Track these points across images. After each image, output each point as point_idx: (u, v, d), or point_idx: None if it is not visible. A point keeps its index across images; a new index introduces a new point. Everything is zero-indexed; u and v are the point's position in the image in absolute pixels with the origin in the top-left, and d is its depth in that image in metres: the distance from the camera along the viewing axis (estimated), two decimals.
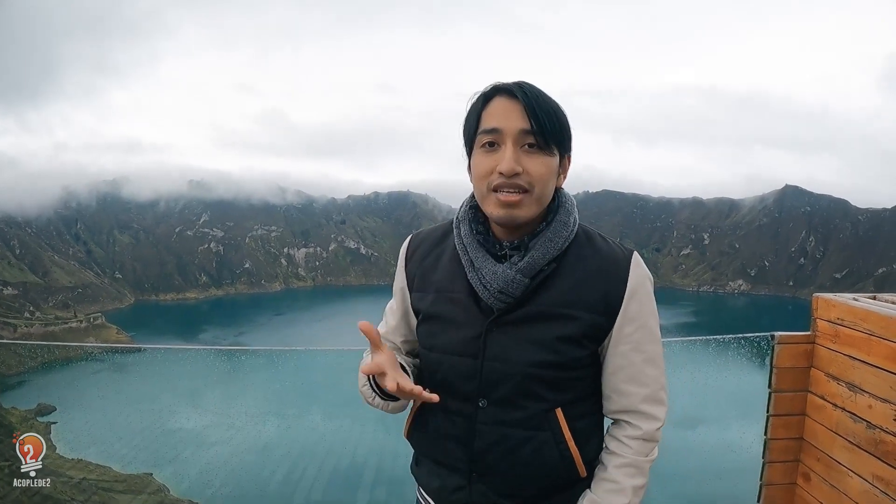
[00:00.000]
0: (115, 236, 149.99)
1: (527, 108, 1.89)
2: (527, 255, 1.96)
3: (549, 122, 1.90)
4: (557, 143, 1.94)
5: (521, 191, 1.90)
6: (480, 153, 1.96)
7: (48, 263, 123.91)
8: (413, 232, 2.34)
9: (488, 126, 1.93)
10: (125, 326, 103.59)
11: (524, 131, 1.89)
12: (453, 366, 2.04)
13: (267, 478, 12.27)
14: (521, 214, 1.93)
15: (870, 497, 3.35)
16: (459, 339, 2.02)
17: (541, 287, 1.97)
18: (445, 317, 2.08)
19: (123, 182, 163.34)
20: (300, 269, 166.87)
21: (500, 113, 1.92)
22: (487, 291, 1.96)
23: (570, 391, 1.99)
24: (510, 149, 1.89)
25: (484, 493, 2.03)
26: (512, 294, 1.94)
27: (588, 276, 1.99)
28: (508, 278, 1.93)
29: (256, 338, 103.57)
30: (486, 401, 1.99)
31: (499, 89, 1.95)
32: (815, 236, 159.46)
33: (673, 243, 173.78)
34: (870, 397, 3.37)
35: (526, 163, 1.90)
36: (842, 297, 3.74)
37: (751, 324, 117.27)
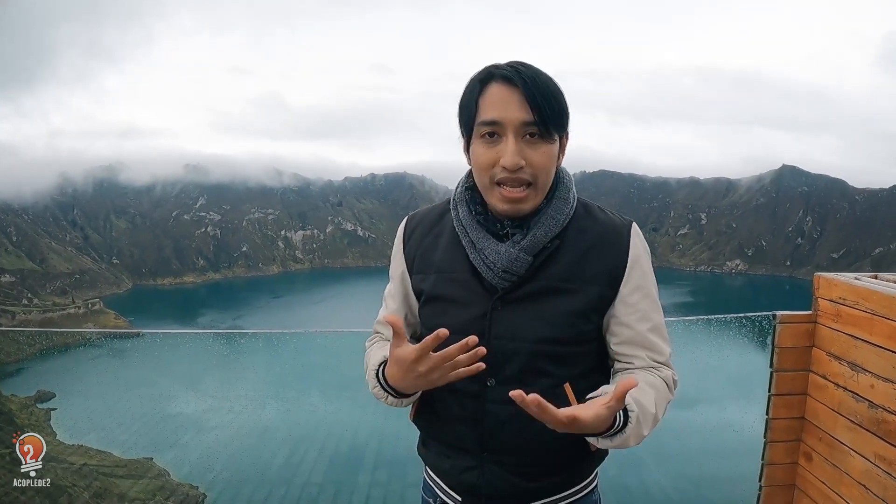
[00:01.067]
0: (112, 221, 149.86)
1: (527, 96, 1.85)
2: (529, 233, 1.95)
3: (549, 109, 1.86)
4: (559, 128, 1.92)
5: (526, 185, 1.90)
6: (481, 143, 1.93)
7: (45, 250, 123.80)
8: (409, 213, 2.31)
9: (488, 118, 1.89)
10: (123, 311, 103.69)
11: (526, 122, 1.85)
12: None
13: (267, 461, 12.29)
14: (526, 208, 1.94)
15: (871, 476, 3.35)
16: (464, 320, 2.00)
17: (544, 263, 1.96)
18: (449, 297, 2.06)
19: (120, 167, 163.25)
20: (298, 251, 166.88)
21: (500, 102, 1.88)
22: (491, 271, 1.95)
23: (578, 365, 1.98)
24: (512, 142, 1.87)
25: (496, 473, 2.02)
26: (516, 272, 1.94)
27: (590, 248, 2.00)
28: (512, 257, 1.93)
29: (255, 321, 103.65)
30: (495, 380, 1.97)
31: (495, 74, 1.90)
32: (812, 216, 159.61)
33: (670, 223, 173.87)
34: (872, 377, 3.36)
35: (529, 154, 1.88)
36: (843, 277, 3.73)
37: (748, 303, 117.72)
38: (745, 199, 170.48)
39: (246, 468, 12.85)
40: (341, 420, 10.94)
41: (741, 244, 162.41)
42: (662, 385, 1.97)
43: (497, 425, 1.98)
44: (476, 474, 2.05)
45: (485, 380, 1.97)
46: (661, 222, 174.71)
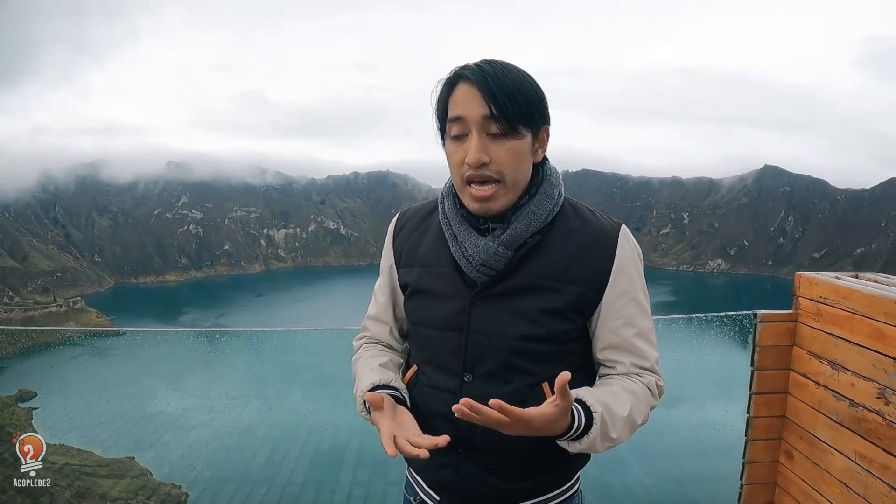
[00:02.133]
0: (94, 219, 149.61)
1: (486, 92, 1.84)
2: (509, 227, 1.93)
3: (510, 104, 1.84)
4: (525, 122, 1.89)
5: (493, 182, 1.89)
6: (451, 143, 1.94)
7: (27, 248, 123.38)
8: (401, 210, 2.32)
9: (453, 114, 1.90)
10: (105, 310, 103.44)
11: (486, 118, 1.84)
12: (439, 340, 2.03)
13: (248, 460, 12.26)
14: (496, 206, 1.92)
15: (852, 475, 3.36)
16: (445, 314, 2.01)
17: (525, 259, 1.94)
18: (431, 291, 2.07)
19: (102, 164, 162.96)
20: (280, 250, 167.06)
21: (463, 100, 1.88)
22: (470, 264, 1.94)
23: (558, 365, 1.86)
24: (475, 139, 1.86)
25: (471, 470, 2.00)
26: (494, 266, 1.92)
27: (575, 248, 1.97)
28: (491, 251, 1.91)
29: (237, 319, 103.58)
30: (472, 375, 1.97)
31: (461, 74, 1.91)
32: (794, 216, 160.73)
33: (653, 223, 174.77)
34: (852, 375, 3.37)
35: (493, 151, 1.87)
36: (824, 276, 3.75)
37: (730, 302, 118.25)
38: (728, 199, 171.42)
39: (228, 467, 12.82)
40: (323, 419, 10.91)
41: (723, 244, 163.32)
42: (643, 390, 1.95)
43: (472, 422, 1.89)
44: (452, 471, 2.03)
45: (462, 375, 1.98)
46: (644, 222, 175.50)
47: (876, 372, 3.23)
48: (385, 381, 2.07)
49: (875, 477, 3.22)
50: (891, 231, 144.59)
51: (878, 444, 3.21)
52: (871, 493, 3.25)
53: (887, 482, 3.15)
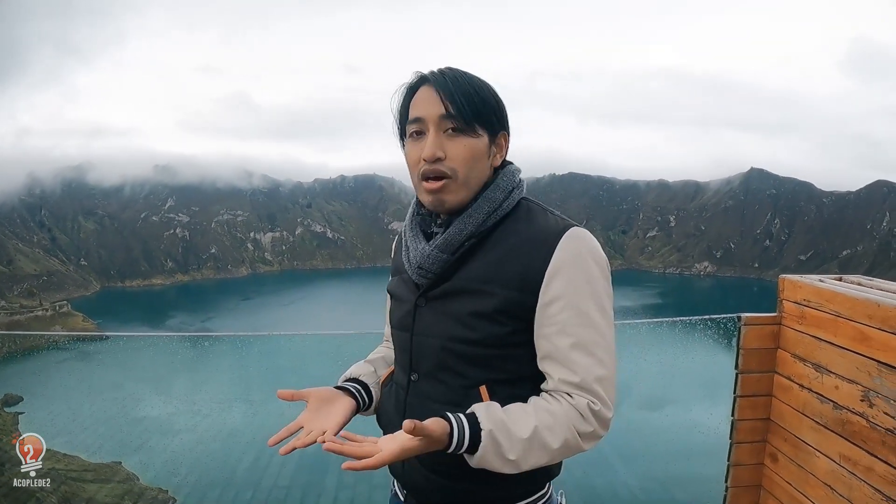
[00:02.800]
0: (80, 223, 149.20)
1: (442, 92, 1.93)
2: (445, 232, 1.98)
3: (467, 104, 1.92)
4: (482, 122, 1.95)
5: (445, 177, 1.93)
6: (409, 143, 2.01)
7: (12, 251, 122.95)
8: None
9: (412, 116, 1.98)
10: (91, 314, 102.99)
11: (442, 116, 1.92)
12: (397, 340, 2.14)
13: (234, 464, 12.25)
14: (449, 199, 1.96)
15: (836, 477, 3.37)
16: (400, 315, 2.11)
17: (461, 262, 1.96)
18: (396, 295, 2.17)
19: (88, 167, 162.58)
20: (267, 253, 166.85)
21: (422, 102, 1.97)
22: (411, 268, 2.03)
23: (497, 371, 1.93)
24: (432, 135, 1.93)
25: (415, 467, 2.01)
26: (429, 269, 1.99)
27: (510, 250, 1.93)
28: (425, 254, 1.98)
29: (223, 323, 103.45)
30: (417, 374, 2.02)
31: (422, 79, 2.01)
32: (780, 218, 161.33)
33: (639, 225, 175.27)
34: (836, 378, 3.38)
35: (448, 147, 1.93)
36: (808, 279, 3.75)
37: (716, 305, 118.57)
38: (714, 202, 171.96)
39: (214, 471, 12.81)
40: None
41: (710, 246, 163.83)
42: (565, 411, 1.82)
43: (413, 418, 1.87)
44: (400, 465, 2.05)
45: (409, 374, 2.04)
46: (631, 224, 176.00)
47: (860, 374, 3.23)
48: (354, 374, 2.23)
49: (859, 479, 3.22)
50: (876, 233, 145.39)
51: (862, 447, 3.21)
52: (856, 496, 3.25)
53: (871, 484, 3.15)
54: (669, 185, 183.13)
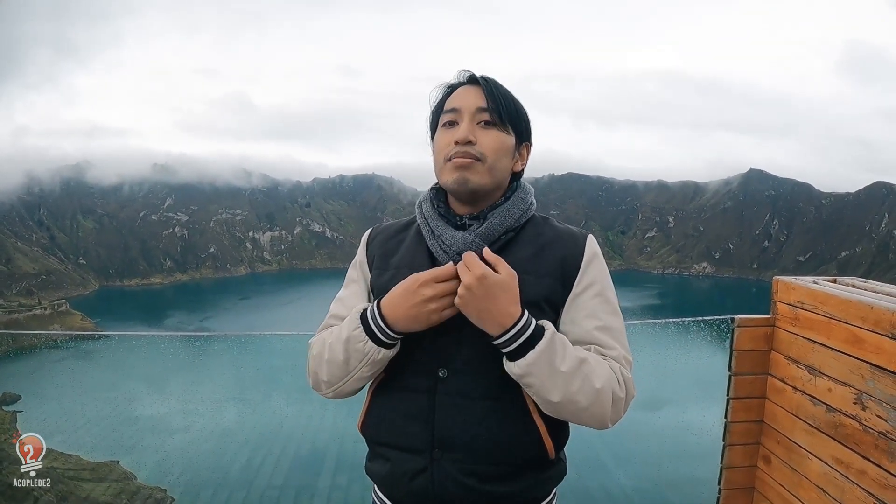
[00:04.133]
0: (79, 221, 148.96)
1: (484, 89, 2.03)
2: (485, 222, 2.01)
3: (504, 102, 2.03)
4: (512, 123, 2.06)
5: (474, 158, 1.97)
6: (441, 131, 2.08)
7: (11, 250, 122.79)
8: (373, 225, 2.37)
9: (449, 107, 2.06)
10: (90, 313, 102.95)
11: (480, 108, 2.01)
12: (412, 337, 1.99)
13: (228, 463, 12.24)
14: (473, 178, 1.98)
15: (829, 480, 3.36)
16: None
17: (499, 253, 1.95)
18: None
19: (87, 166, 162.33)
20: (265, 252, 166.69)
21: (461, 96, 2.06)
22: (447, 255, 1.98)
23: None
24: (466, 122, 2.01)
25: (448, 473, 1.96)
26: None
27: (545, 245, 2.05)
28: (467, 241, 1.97)
29: (222, 322, 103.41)
30: (447, 370, 1.97)
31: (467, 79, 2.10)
32: (778, 220, 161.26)
33: (638, 226, 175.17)
34: (829, 380, 3.37)
35: (480, 135, 2.00)
36: (801, 281, 3.75)
37: (715, 306, 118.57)
38: (713, 203, 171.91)
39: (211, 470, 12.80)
40: (303, 423, 10.90)
41: (708, 247, 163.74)
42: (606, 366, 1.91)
43: (447, 417, 1.95)
44: (427, 477, 1.99)
45: (436, 370, 1.98)
46: (629, 225, 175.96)
47: (853, 377, 3.22)
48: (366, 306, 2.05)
49: (852, 482, 3.21)
50: (875, 234, 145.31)
51: (855, 450, 3.21)
52: (848, 499, 3.24)
53: (864, 487, 3.14)
54: (668, 185, 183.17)
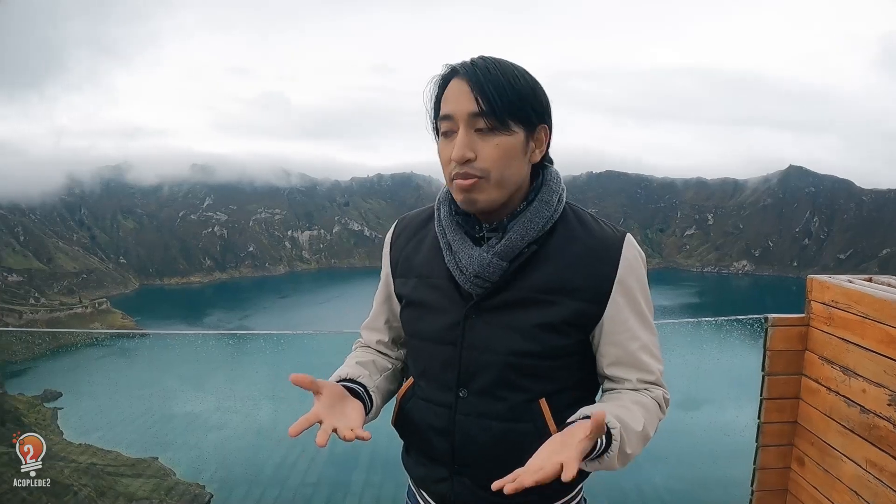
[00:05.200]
0: (120, 221, 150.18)
1: (473, 87, 1.81)
2: (504, 237, 1.87)
3: (499, 99, 1.80)
4: (516, 118, 1.83)
5: (476, 177, 1.82)
6: (441, 141, 1.90)
7: (52, 249, 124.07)
8: (400, 216, 2.31)
9: (443, 112, 1.87)
10: (130, 311, 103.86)
11: (473, 114, 1.80)
12: (433, 354, 1.99)
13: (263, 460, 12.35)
14: (480, 198, 1.85)
15: (862, 482, 3.32)
16: (439, 327, 1.97)
17: (521, 271, 1.88)
18: (426, 303, 2.02)
19: (126, 167, 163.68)
20: (304, 251, 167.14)
21: (453, 97, 1.85)
22: (464, 276, 1.89)
23: (556, 381, 1.92)
24: (462, 135, 1.82)
25: (465, 486, 1.97)
26: (488, 279, 1.87)
27: (574, 259, 1.90)
28: (485, 262, 1.85)
29: (261, 321, 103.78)
30: (467, 391, 1.93)
31: (453, 71, 1.88)
32: (819, 217, 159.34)
33: (677, 224, 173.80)
34: (863, 381, 3.33)
35: (479, 147, 1.82)
36: (836, 279, 3.70)
37: (754, 304, 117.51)
38: (752, 200, 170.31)
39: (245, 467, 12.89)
40: None
41: (748, 245, 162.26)
42: (653, 405, 1.91)
43: (467, 438, 1.93)
44: (447, 486, 2.01)
45: (457, 390, 1.94)
46: (668, 223, 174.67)
47: (887, 378, 3.18)
48: (352, 375, 2.05)
49: (885, 485, 3.18)
50: None
51: (889, 452, 3.17)
52: (881, 502, 3.21)
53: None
54: (707, 182, 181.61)
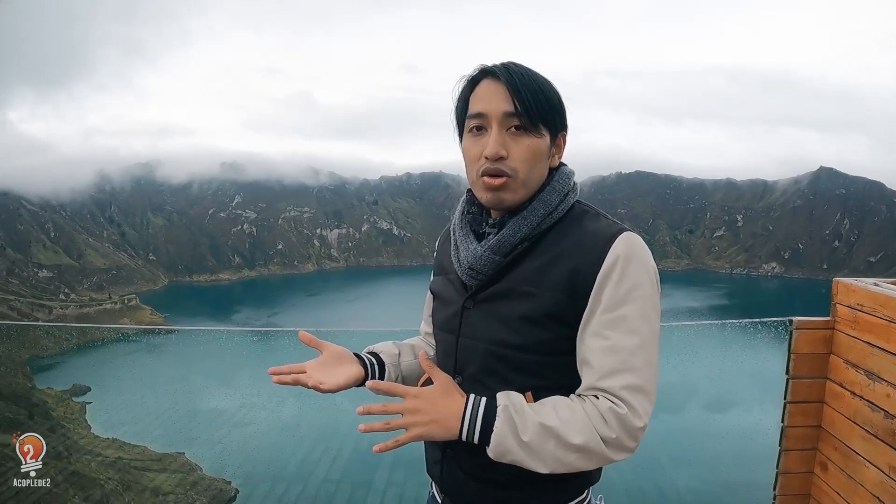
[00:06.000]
0: (149, 218, 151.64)
1: (510, 88, 1.85)
2: (499, 233, 1.94)
3: (534, 102, 1.85)
4: (545, 122, 1.89)
5: (506, 175, 1.86)
6: (469, 138, 1.95)
7: (83, 246, 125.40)
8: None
9: (474, 110, 1.91)
10: (159, 307, 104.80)
11: (508, 114, 1.85)
12: (440, 341, 2.14)
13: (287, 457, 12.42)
14: (508, 197, 1.90)
15: (885, 489, 3.27)
16: (446, 317, 2.10)
17: (513, 264, 1.93)
18: (441, 295, 2.16)
19: (156, 165, 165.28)
20: (333, 250, 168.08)
21: (486, 96, 1.90)
22: (461, 268, 2.00)
23: (541, 378, 1.89)
24: (495, 132, 1.87)
25: (453, 471, 2.02)
26: (481, 271, 1.94)
27: (561, 254, 1.88)
28: (477, 255, 1.94)
29: (289, 319, 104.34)
30: (461, 377, 1.98)
31: (485, 72, 1.93)
32: (849, 219, 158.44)
33: (706, 225, 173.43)
34: (888, 386, 3.29)
35: (511, 147, 1.87)
36: (862, 282, 3.65)
37: (783, 307, 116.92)
38: (782, 201, 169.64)
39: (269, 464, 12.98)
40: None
41: (778, 247, 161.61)
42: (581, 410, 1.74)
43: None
44: (440, 468, 2.06)
45: (454, 377, 1.98)
46: (697, 224, 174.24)
47: None
48: (377, 350, 2.25)
49: None
50: None
51: None
52: None
53: None
54: (737, 184, 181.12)
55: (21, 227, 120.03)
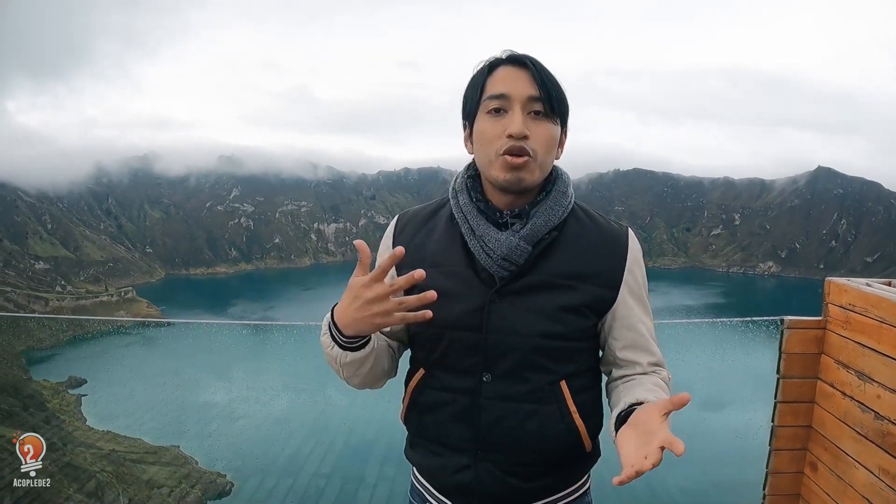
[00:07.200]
0: (146, 211, 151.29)
1: (534, 75, 1.92)
2: (528, 222, 1.96)
3: (555, 91, 1.93)
4: (561, 113, 1.97)
5: (528, 155, 1.90)
6: (487, 119, 1.96)
7: (79, 238, 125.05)
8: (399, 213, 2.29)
9: (496, 91, 1.94)
10: (155, 300, 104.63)
11: (532, 98, 1.91)
12: (454, 340, 2.00)
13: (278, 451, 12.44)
14: (527, 178, 1.94)
15: (874, 490, 3.27)
16: (459, 313, 1.99)
17: (543, 256, 1.98)
18: (443, 290, 1.94)
19: (154, 157, 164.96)
20: (330, 244, 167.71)
21: (508, 79, 1.94)
22: (490, 259, 1.95)
23: (574, 363, 2.00)
24: (518, 113, 1.91)
25: (490, 472, 2.00)
26: (515, 262, 1.94)
27: (589, 247, 2.03)
28: (512, 245, 1.93)
29: (285, 312, 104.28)
30: (491, 375, 1.96)
31: (504, 59, 1.98)
32: (846, 219, 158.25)
33: (703, 223, 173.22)
34: (878, 387, 3.28)
35: (533, 128, 1.91)
36: (854, 283, 3.65)
37: (779, 306, 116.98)
38: (780, 201, 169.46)
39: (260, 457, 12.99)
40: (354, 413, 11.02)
41: (774, 246, 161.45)
42: (665, 385, 2.00)
43: (492, 421, 1.97)
44: (470, 474, 2.02)
45: (480, 374, 1.97)
46: (695, 222, 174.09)
47: None
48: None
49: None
50: None
51: None
52: None
53: None
54: (734, 182, 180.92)
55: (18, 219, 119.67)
